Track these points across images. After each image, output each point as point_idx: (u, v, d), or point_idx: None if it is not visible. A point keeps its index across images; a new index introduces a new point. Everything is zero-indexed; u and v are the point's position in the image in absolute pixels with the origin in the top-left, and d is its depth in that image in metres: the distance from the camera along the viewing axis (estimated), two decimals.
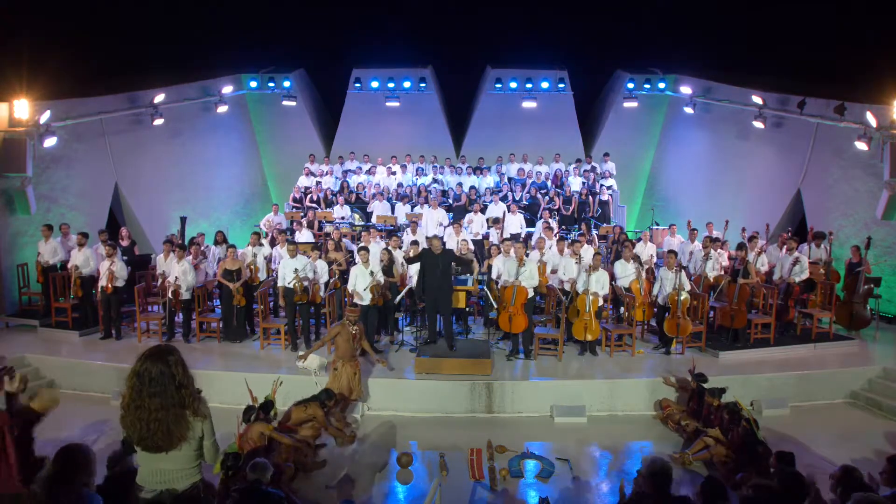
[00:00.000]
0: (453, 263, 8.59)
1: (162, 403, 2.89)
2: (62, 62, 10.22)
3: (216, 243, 10.98)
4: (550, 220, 12.26)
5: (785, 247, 10.18)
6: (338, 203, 13.47)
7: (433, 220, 12.50)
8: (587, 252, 9.30)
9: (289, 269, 8.71)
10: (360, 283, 8.54)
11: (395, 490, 5.88)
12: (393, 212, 13.38)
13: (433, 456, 6.45)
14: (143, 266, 10.81)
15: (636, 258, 9.67)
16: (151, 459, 3.02)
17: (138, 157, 13.16)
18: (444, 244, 8.83)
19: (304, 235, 11.71)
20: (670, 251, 9.31)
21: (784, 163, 13.01)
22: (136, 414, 2.92)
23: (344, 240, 11.33)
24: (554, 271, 9.61)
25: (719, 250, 10.46)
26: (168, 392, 2.90)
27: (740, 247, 9.57)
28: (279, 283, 8.91)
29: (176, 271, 9.02)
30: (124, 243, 10.79)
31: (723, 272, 9.79)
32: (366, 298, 8.53)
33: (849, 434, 7.08)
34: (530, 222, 12.96)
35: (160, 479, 3.04)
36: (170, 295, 8.98)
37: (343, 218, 13.19)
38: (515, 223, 12.33)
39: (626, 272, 9.25)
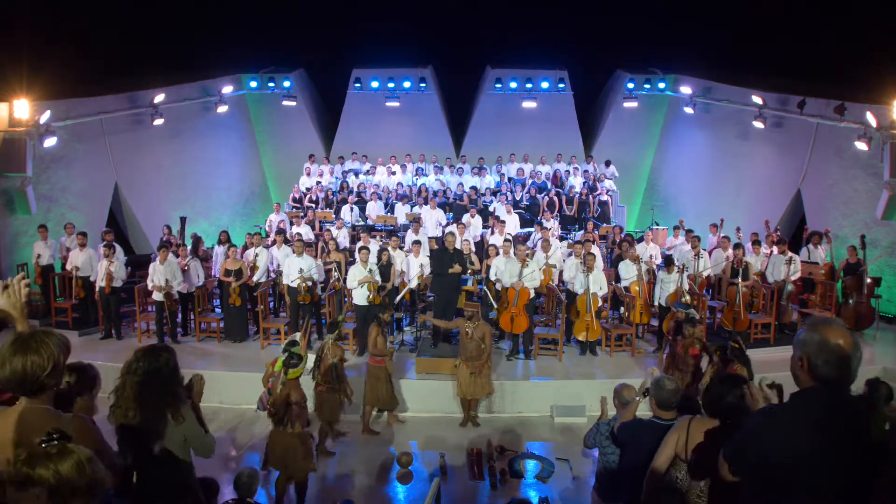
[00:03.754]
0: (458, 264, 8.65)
1: (143, 398, 2.93)
2: (62, 62, 10.19)
3: (220, 243, 10.99)
4: (548, 221, 12.26)
5: (776, 248, 10.19)
6: (347, 203, 13.46)
7: (432, 221, 12.50)
8: (597, 251, 9.42)
9: (293, 268, 8.71)
10: (354, 277, 8.57)
11: (395, 490, 5.88)
12: (387, 212, 13.39)
13: (433, 456, 6.45)
14: (143, 266, 10.80)
15: (639, 259, 9.67)
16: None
17: (138, 157, 13.16)
18: (440, 243, 8.87)
19: (303, 230, 11.74)
20: (668, 257, 9.32)
21: (784, 163, 13.01)
22: (118, 403, 2.97)
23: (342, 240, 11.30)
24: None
25: (729, 250, 10.47)
26: (151, 388, 2.93)
27: (737, 247, 9.58)
28: (283, 282, 8.91)
29: (166, 273, 8.93)
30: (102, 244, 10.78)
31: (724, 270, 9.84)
32: (360, 298, 8.53)
33: None
34: (528, 222, 12.95)
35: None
36: (155, 297, 8.95)
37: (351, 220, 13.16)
38: (512, 223, 12.33)
39: (629, 273, 9.25)
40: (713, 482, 2.84)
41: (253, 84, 15.82)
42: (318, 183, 14.68)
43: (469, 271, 9.51)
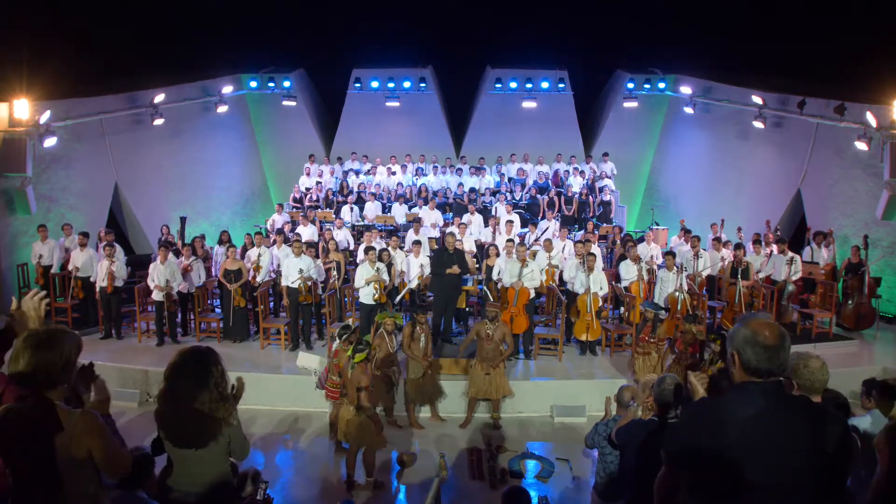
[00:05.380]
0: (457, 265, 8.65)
1: (196, 398, 2.91)
2: (62, 62, 10.20)
3: (220, 243, 10.98)
4: (548, 222, 12.25)
5: (775, 247, 10.20)
6: (347, 204, 13.48)
7: (430, 221, 12.50)
8: (597, 251, 9.44)
9: (293, 269, 8.70)
10: (362, 276, 8.55)
11: (395, 490, 5.88)
12: (384, 212, 13.41)
13: (433, 456, 6.45)
14: (143, 266, 10.81)
15: (639, 259, 9.65)
16: (182, 459, 3.02)
17: (138, 157, 13.16)
18: (440, 244, 8.88)
19: (308, 230, 11.76)
20: (668, 252, 9.32)
21: (784, 163, 13.01)
22: (169, 406, 2.95)
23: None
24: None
25: (724, 250, 10.51)
26: (202, 388, 2.92)
27: (738, 247, 9.58)
28: (283, 283, 8.89)
29: (166, 273, 8.92)
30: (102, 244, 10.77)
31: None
32: (367, 297, 8.52)
33: None
34: (528, 223, 12.92)
35: (190, 480, 3.03)
36: (155, 297, 8.95)
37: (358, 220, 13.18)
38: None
39: (630, 273, 9.25)
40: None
41: (253, 84, 15.82)
42: (318, 183, 14.69)
43: (469, 271, 9.53)
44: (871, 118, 10.01)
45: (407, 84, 15.96)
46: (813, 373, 2.87)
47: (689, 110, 14.73)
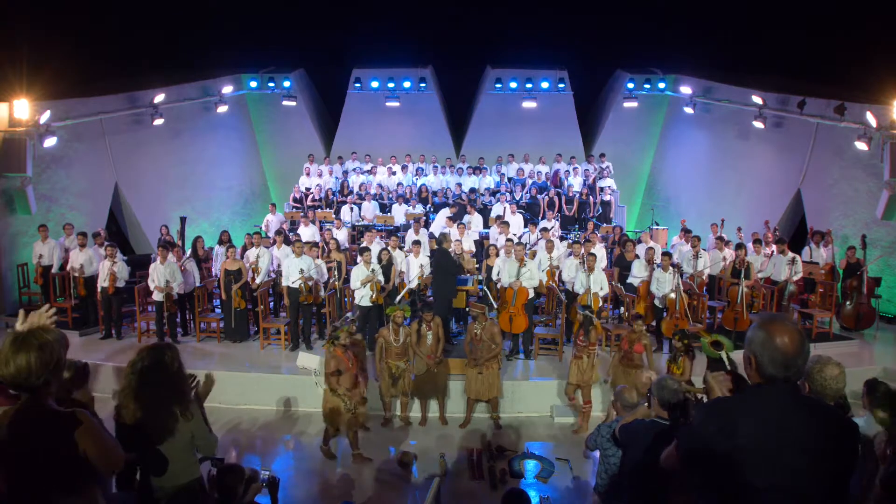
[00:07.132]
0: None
1: (152, 395, 2.97)
2: (62, 62, 10.20)
3: (220, 243, 10.98)
4: (549, 222, 12.24)
5: (775, 247, 10.21)
6: (347, 204, 13.49)
7: (439, 222, 12.51)
8: (600, 251, 9.48)
9: (293, 269, 8.70)
10: (357, 278, 8.55)
11: (395, 490, 5.88)
12: (382, 212, 13.40)
13: (433, 456, 6.45)
14: (143, 266, 10.80)
15: (653, 260, 9.59)
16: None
17: (138, 157, 13.17)
18: (441, 244, 8.85)
19: (308, 230, 11.75)
20: (665, 252, 9.31)
21: (784, 163, 13.01)
22: (127, 402, 3.01)
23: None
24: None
25: (727, 249, 10.49)
26: (159, 385, 2.98)
27: (739, 247, 9.58)
28: (283, 283, 8.89)
29: (165, 273, 8.91)
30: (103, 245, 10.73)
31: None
32: (364, 299, 8.52)
33: None
34: (528, 223, 12.91)
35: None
36: (155, 297, 8.95)
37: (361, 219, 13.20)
38: (516, 224, 12.29)
39: (642, 272, 9.22)
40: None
41: (253, 84, 15.82)
42: (318, 185, 14.69)
43: (469, 271, 9.55)
44: (871, 118, 10.01)
45: (407, 84, 15.97)
46: (826, 380, 2.82)
47: (689, 110, 14.73)
